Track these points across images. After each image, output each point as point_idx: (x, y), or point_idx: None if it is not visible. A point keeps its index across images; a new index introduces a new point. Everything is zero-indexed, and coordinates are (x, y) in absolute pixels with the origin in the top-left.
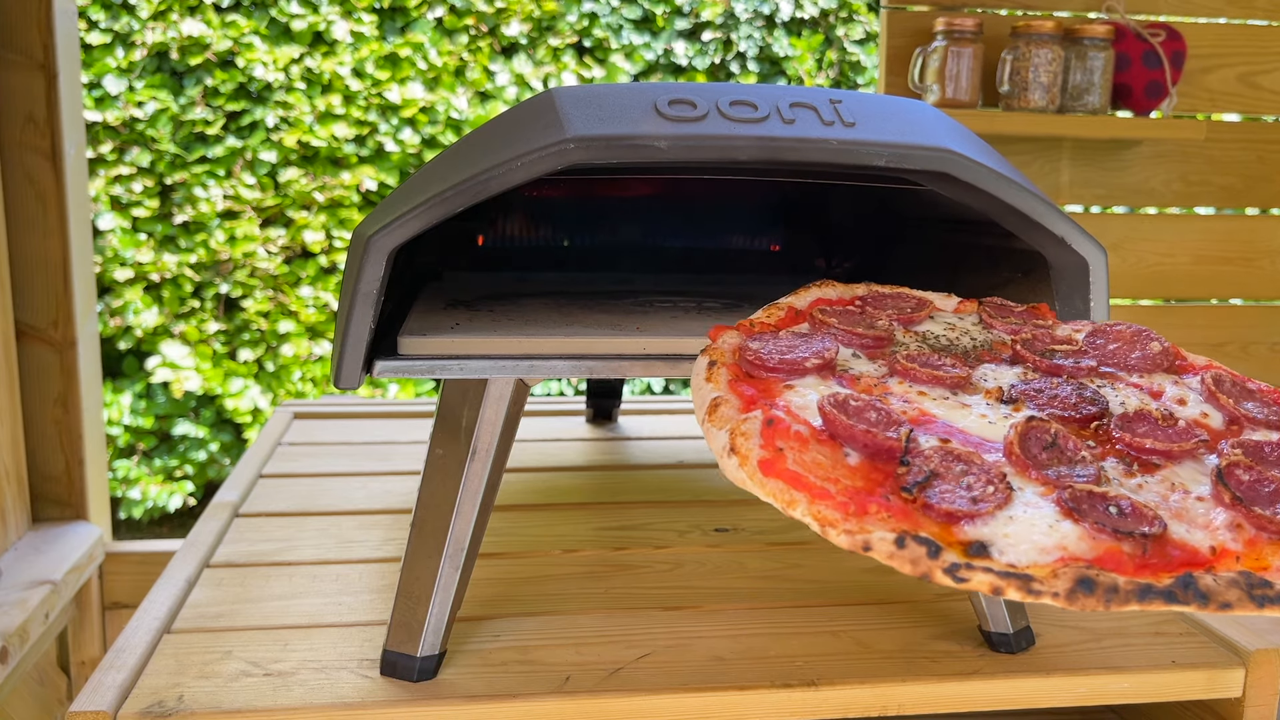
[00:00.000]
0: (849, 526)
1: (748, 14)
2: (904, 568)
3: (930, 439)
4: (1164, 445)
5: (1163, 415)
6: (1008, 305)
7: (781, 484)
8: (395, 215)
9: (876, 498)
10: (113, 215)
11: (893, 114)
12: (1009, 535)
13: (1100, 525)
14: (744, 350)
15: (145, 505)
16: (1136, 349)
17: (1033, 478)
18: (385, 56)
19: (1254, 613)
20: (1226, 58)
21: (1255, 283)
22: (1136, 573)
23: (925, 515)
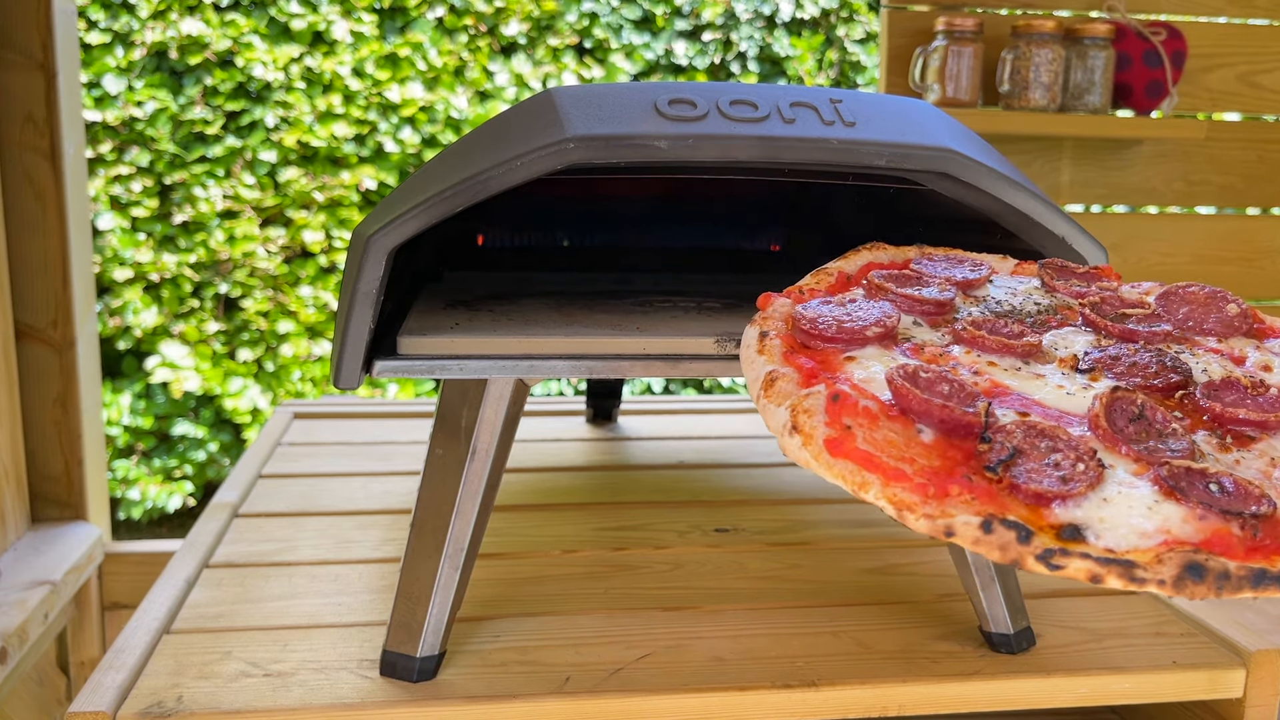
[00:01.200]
0: (929, 510)
1: (748, 14)
2: (992, 554)
3: (1008, 413)
4: (1258, 415)
5: (1251, 383)
6: (1069, 266)
7: (852, 465)
8: (395, 215)
9: (957, 478)
10: (112, 215)
11: (893, 114)
12: (1105, 518)
13: (1206, 505)
14: (798, 319)
15: (144, 505)
16: (1213, 312)
17: (1123, 453)
18: (385, 56)
19: None
20: (1227, 57)
21: (1256, 282)
22: (1247, 556)
23: (1012, 496)
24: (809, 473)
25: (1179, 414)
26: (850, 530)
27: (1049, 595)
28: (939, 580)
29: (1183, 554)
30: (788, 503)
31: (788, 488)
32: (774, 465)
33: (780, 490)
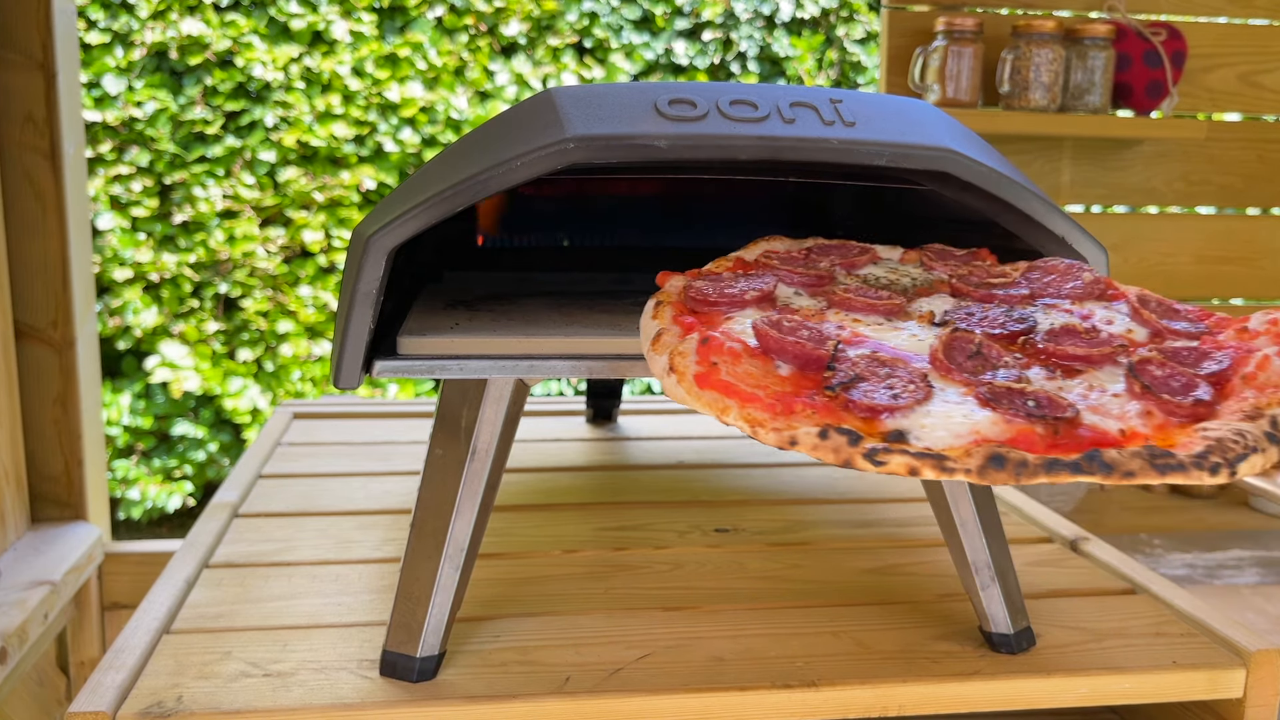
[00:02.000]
0: (776, 425)
1: (748, 14)
2: (827, 457)
3: (860, 352)
4: (1085, 351)
5: (1085, 330)
6: (949, 250)
7: (716, 394)
8: (395, 215)
9: (802, 398)
10: (112, 215)
11: (893, 113)
12: (926, 425)
13: (1014, 412)
14: (688, 289)
15: (144, 505)
16: (1070, 280)
17: (955, 380)
18: (385, 56)
19: (1156, 479)
20: (1227, 57)
21: (1256, 282)
22: (1046, 451)
23: (848, 411)
24: (809, 473)
25: (1019, 355)
26: (850, 530)
27: (1049, 595)
28: (939, 580)
29: (988, 448)
30: (788, 503)
31: (788, 488)
32: (774, 465)
33: (780, 490)
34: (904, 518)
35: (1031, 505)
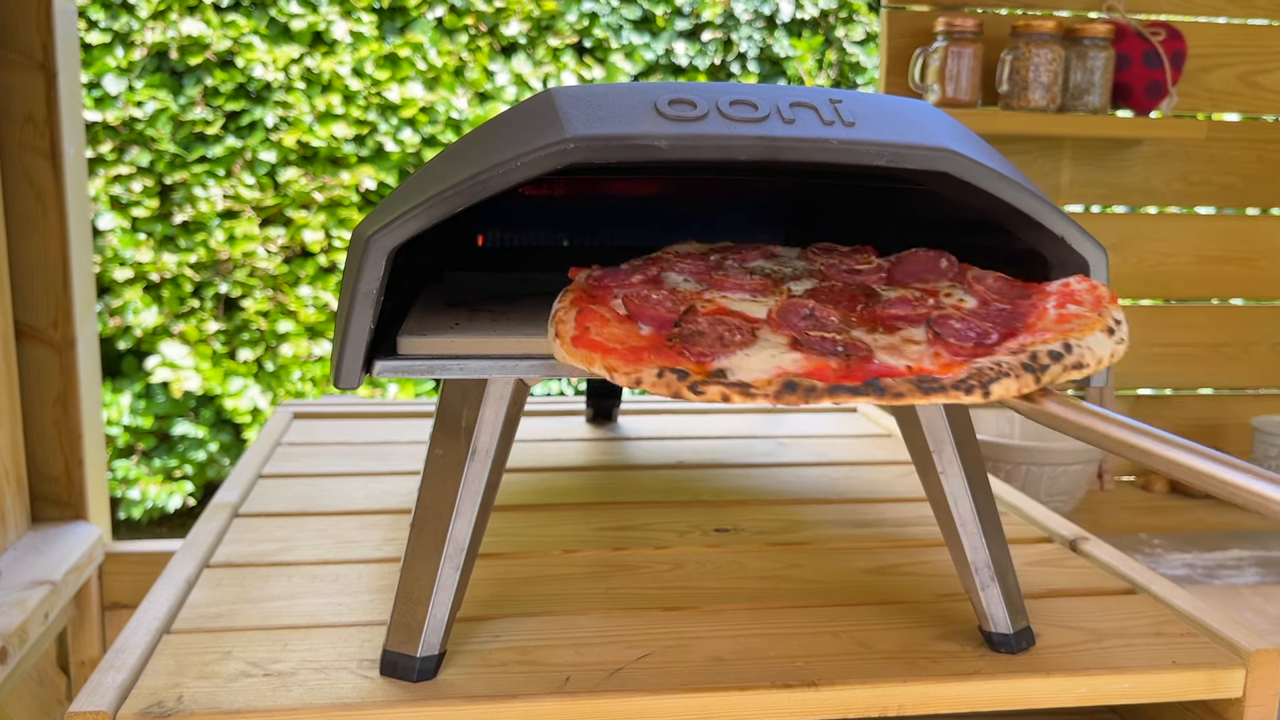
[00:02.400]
0: (626, 369)
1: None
2: (663, 392)
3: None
4: (904, 312)
5: (915, 298)
6: (834, 246)
7: (584, 351)
8: (395, 215)
9: (650, 349)
10: (112, 215)
11: (893, 113)
12: (743, 365)
13: (817, 352)
14: (589, 278)
15: (145, 505)
16: (930, 266)
17: (782, 333)
18: (385, 56)
19: (921, 401)
20: (1227, 57)
21: (1256, 282)
22: (835, 380)
23: (683, 357)
24: (809, 473)
25: (853, 319)
26: (850, 530)
27: (1049, 595)
28: (938, 580)
29: (785, 377)
30: (788, 503)
31: (788, 488)
32: (774, 465)
33: (780, 490)
34: (904, 518)
35: (1031, 505)
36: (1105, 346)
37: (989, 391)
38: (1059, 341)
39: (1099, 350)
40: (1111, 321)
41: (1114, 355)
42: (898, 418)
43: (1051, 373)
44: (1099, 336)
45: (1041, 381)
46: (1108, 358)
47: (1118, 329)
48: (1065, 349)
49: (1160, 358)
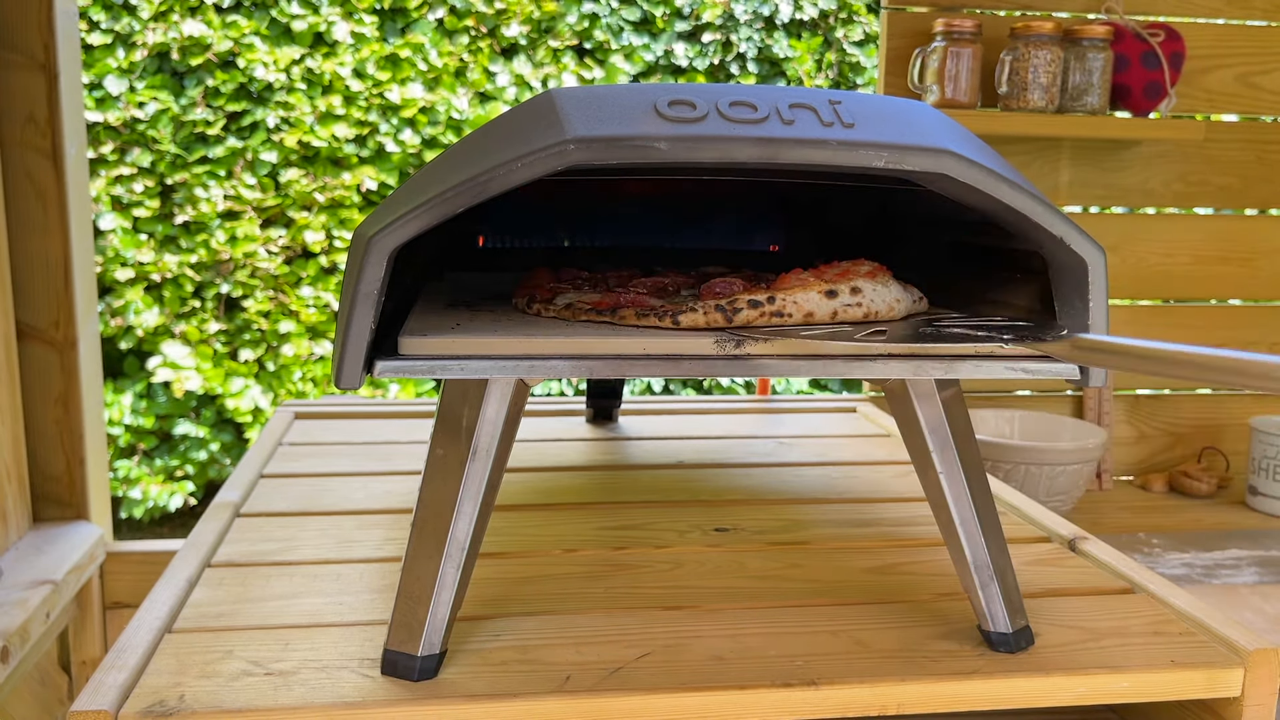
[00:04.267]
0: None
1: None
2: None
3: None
4: (722, 289)
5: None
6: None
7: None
8: (396, 215)
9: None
10: (114, 215)
11: (892, 114)
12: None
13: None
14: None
15: (146, 505)
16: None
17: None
18: (386, 57)
19: (635, 322)
20: (1225, 58)
21: (1255, 283)
22: (599, 304)
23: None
24: (809, 473)
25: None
26: (850, 530)
27: (1048, 595)
28: (938, 579)
29: (570, 298)
30: (787, 502)
31: (787, 487)
32: (774, 465)
33: (780, 490)
34: (903, 517)
35: (1030, 505)
36: (821, 305)
37: (678, 321)
38: (766, 295)
39: (808, 305)
40: (830, 286)
41: (836, 314)
42: (897, 418)
43: (745, 315)
44: (812, 295)
45: (733, 320)
46: (826, 315)
47: (838, 296)
48: (768, 300)
49: None
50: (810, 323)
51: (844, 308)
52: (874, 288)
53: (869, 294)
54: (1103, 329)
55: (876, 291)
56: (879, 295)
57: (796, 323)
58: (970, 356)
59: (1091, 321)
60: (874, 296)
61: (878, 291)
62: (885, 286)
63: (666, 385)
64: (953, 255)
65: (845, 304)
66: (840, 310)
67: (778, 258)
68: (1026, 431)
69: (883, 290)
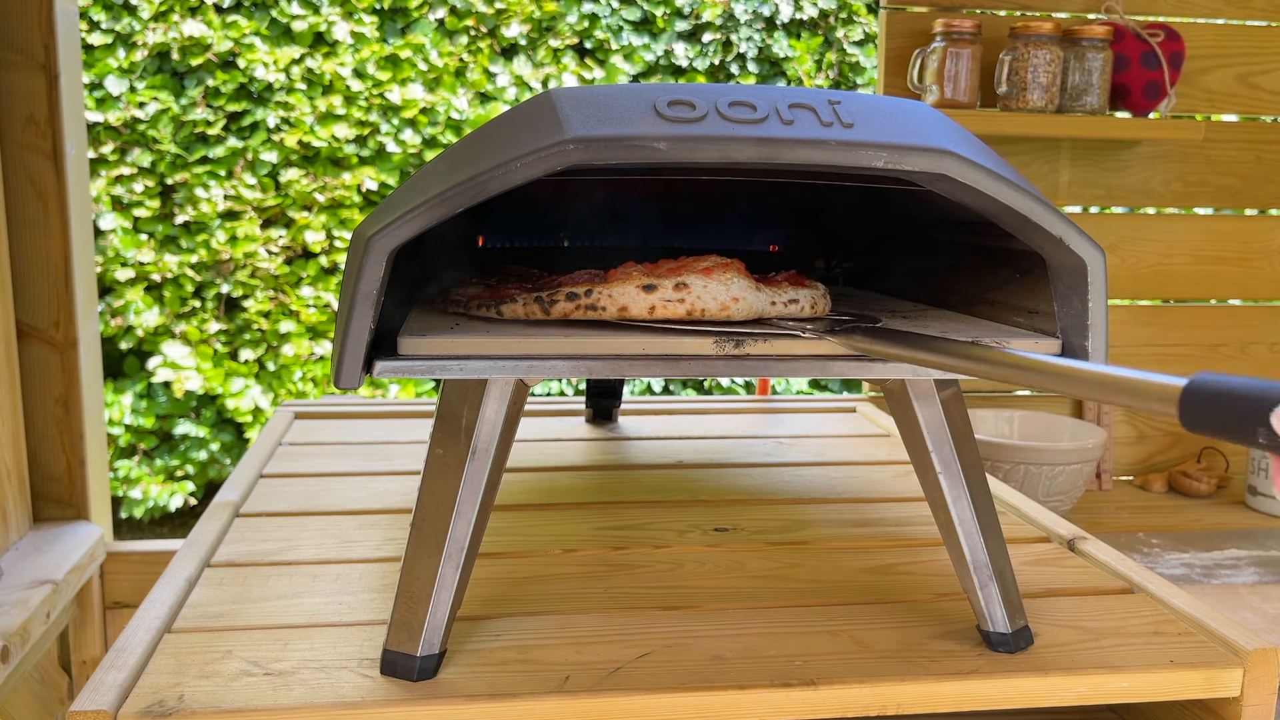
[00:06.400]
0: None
1: (747, 15)
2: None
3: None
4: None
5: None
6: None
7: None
8: (395, 215)
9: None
10: (114, 215)
11: (891, 115)
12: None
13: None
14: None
15: (146, 505)
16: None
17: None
18: (386, 57)
19: (468, 311)
20: (1225, 58)
21: (1254, 283)
22: (494, 297)
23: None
24: (808, 472)
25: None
26: (849, 530)
27: (1047, 595)
28: (937, 579)
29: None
30: (787, 502)
31: (787, 487)
32: (774, 465)
33: (780, 490)
34: (902, 517)
35: (1029, 505)
36: (637, 299)
37: (501, 312)
38: (585, 288)
39: (622, 299)
40: (649, 281)
41: (654, 309)
42: (897, 418)
43: (562, 307)
44: (629, 289)
45: (550, 312)
46: (644, 310)
47: (656, 291)
48: (585, 293)
49: (1158, 358)
50: (624, 318)
51: (663, 303)
52: (705, 284)
53: (696, 290)
54: (1102, 329)
55: (708, 289)
56: (708, 293)
57: (611, 317)
58: None
59: (1091, 321)
60: (701, 293)
61: (709, 289)
62: (723, 284)
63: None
64: (952, 255)
65: (665, 299)
66: (659, 305)
67: (778, 257)
68: (1026, 431)
69: (716, 288)
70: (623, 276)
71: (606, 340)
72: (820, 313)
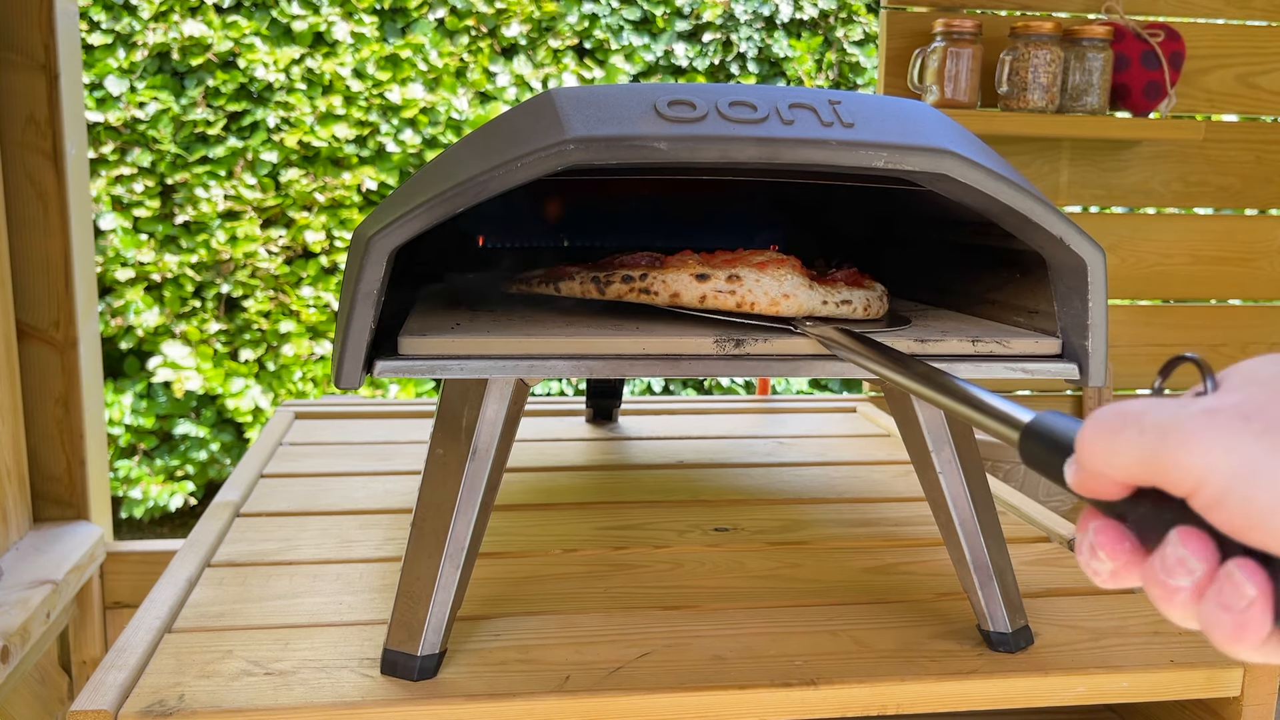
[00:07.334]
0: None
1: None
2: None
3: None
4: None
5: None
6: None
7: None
8: (396, 215)
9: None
10: (114, 215)
11: (892, 114)
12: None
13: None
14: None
15: (146, 505)
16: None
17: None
18: (386, 57)
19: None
20: (1225, 58)
21: (1254, 283)
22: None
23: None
24: (808, 472)
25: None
26: (849, 530)
27: (1047, 594)
28: (937, 579)
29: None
30: (787, 502)
31: (787, 487)
32: (774, 465)
33: (780, 490)
34: (902, 517)
35: (1029, 504)
36: (690, 287)
37: (559, 288)
38: (640, 271)
39: (675, 285)
40: (703, 270)
41: (704, 298)
42: (897, 418)
43: (616, 288)
44: (683, 276)
45: (605, 292)
46: (695, 299)
47: (709, 280)
48: (640, 277)
49: (1158, 358)
50: (675, 304)
51: (714, 293)
52: (756, 278)
53: (748, 283)
54: (1102, 329)
55: (760, 283)
56: (760, 287)
57: (664, 302)
58: (970, 356)
59: (1091, 321)
60: (753, 286)
61: (760, 283)
62: (775, 280)
63: (666, 385)
64: (953, 255)
65: (717, 289)
66: (710, 295)
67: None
68: None
69: (769, 283)
70: (679, 264)
71: (607, 340)
72: (875, 314)
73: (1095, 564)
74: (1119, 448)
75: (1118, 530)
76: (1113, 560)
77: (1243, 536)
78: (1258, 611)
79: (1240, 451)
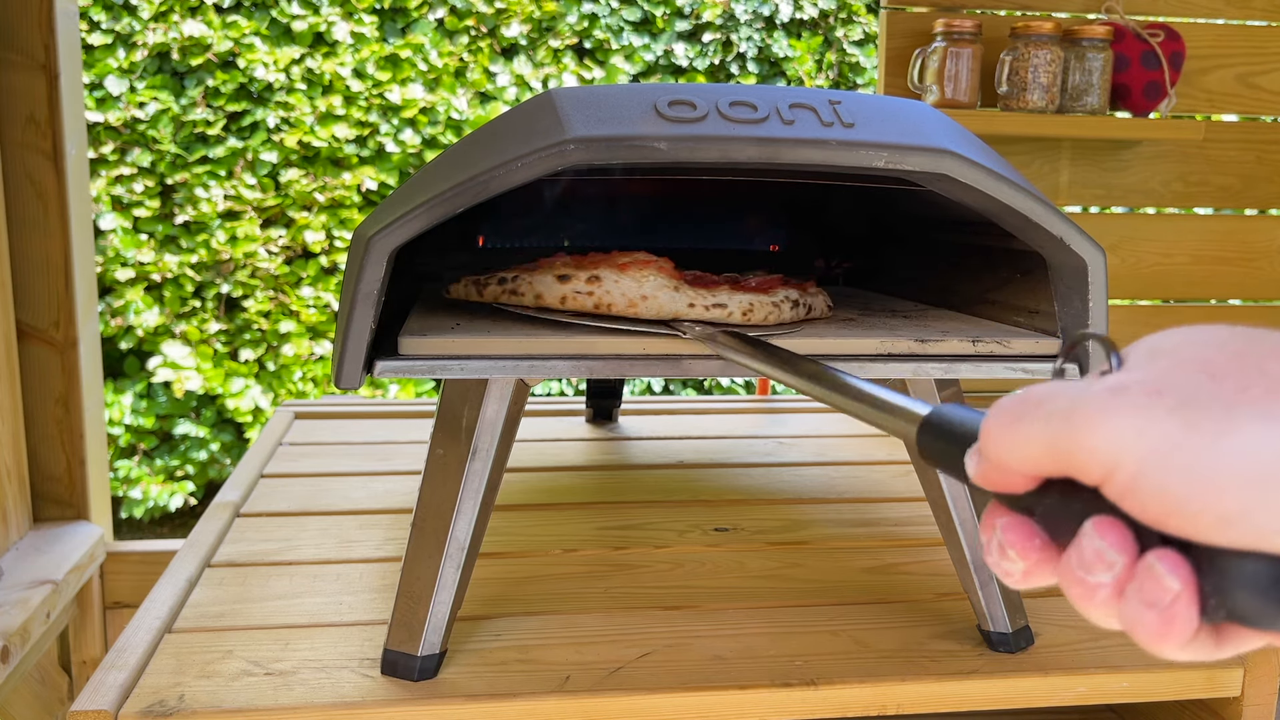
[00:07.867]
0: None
1: (748, 15)
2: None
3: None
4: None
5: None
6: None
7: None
8: (396, 216)
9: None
10: (114, 215)
11: (892, 115)
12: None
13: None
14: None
15: (146, 505)
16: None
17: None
18: (386, 57)
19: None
20: (1225, 58)
21: (1254, 283)
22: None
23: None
24: (808, 472)
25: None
26: (849, 530)
27: (1047, 594)
28: (937, 579)
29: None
30: (787, 502)
31: (787, 487)
32: (774, 465)
33: (780, 490)
34: (903, 517)
35: None
36: (551, 288)
37: (449, 290)
38: (514, 274)
39: (538, 286)
40: (563, 272)
41: (564, 300)
42: None
43: (492, 290)
44: (546, 278)
45: (483, 295)
46: (556, 299)
47: (569, 282)
48: (513, 279)
49: None
50: (541, 305)
51: (573, 294)
52: (616, 279)
53: (607, 284)
54: (1102, 328)
55: (619, 284)
56: (618, 288)
57: (530, 303)
58: (970, 357)
59: (1091, 321)
60: (610, 288)
61: (619, 284)
62: (635, 281)
63: (666, 385)
64: (953, 255)
65: (576, 290)
66: (570, 296)
67: (778, 257)
68: None
69: (628, 284)
70: (547, 265)
71: (607, 340)
72: (766, 319)
73: (1006, 564)
74: (1022, 435)
75: (1027, 526)
76: (1024, 559)
77: (1161, 524)
78: (1183, 607)
79: (1152, 431)
